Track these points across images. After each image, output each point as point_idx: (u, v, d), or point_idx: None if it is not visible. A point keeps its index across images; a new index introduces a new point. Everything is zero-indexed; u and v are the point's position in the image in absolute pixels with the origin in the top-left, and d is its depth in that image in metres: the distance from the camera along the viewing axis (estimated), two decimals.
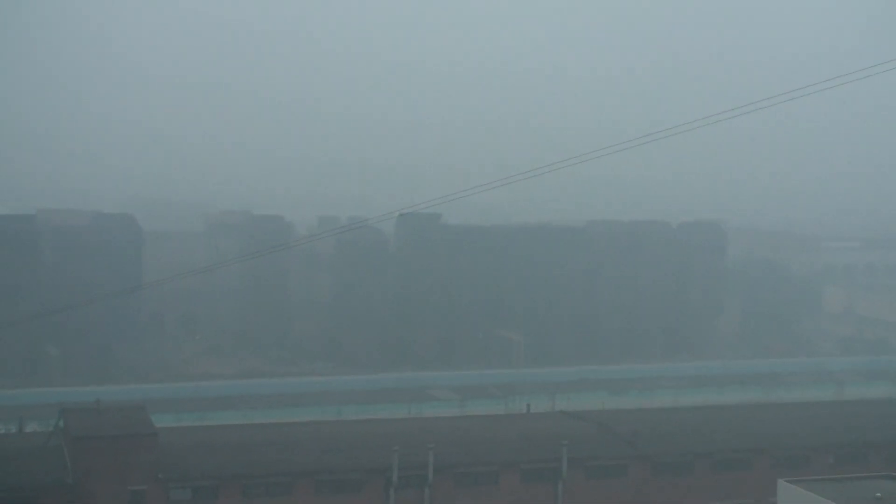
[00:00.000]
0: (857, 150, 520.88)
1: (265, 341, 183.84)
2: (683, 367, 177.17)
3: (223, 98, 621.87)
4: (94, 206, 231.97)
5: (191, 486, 73.07)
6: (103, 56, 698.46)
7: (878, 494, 65.50)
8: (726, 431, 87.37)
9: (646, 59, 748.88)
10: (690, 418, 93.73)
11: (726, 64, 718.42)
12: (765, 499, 76.22)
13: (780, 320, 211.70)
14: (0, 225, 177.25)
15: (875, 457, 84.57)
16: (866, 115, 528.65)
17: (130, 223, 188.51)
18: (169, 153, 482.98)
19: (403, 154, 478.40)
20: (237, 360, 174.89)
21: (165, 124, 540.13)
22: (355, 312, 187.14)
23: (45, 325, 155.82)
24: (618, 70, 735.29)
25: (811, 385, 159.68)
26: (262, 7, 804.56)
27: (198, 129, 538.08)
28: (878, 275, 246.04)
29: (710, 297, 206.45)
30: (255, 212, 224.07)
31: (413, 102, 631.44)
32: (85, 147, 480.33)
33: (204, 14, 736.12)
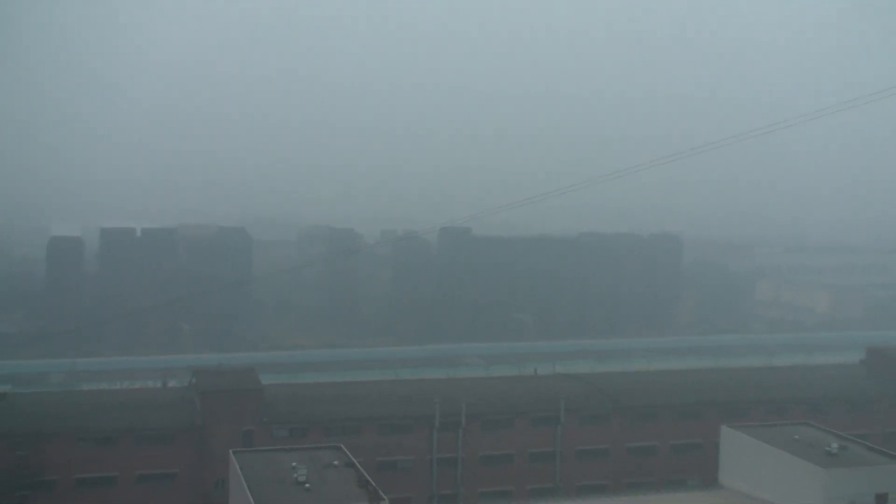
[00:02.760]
0: (781, 179, 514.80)
1: (341, 321, 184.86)
2: (652, 341, 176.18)
3: (310, 133, 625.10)
4: (217, 222, 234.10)
5: (287, 427, 73.49)
6: (213, 101, 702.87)
7: (797, 437, 64.90)
8: (684, 389, 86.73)
9: (641, 94, 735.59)
10: (657, 380, 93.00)
11: (695, 101, 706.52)
12: (712, 440, 75.56)
13: (724, 306, 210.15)
14: (150, 236, 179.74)
15: (795, 409, 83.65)
16: (797, 151, 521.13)
17: (243, 234, 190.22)
18: (270, 180, 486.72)
19: (443, 180, 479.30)
20: (320, 335, 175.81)
21: (267, 159, 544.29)
22: (407, 301, 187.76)
23: (182, 309, 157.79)
24: (616, 105, 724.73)
25: (747, 355, 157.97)
26: (332, 54, 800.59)
27: (290, 161, 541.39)
28: (797, 272, 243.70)
29: (671, 289, 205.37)
30: (334, 226, 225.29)
31: (452, 132, 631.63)
32: (210, 176, 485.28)
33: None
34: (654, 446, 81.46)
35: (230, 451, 59.56)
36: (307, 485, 52.65)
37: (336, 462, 57.06)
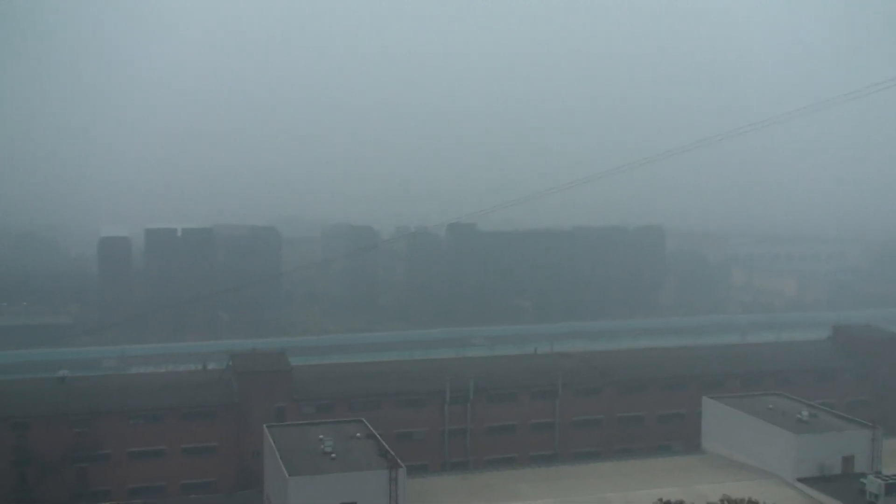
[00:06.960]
0: (754, 177, 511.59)
1: (361, 308, 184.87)
2: (638, 322, 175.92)
3: (332, 142, 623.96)
4: (249, 222, 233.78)
5: (315, 404, 73.48)
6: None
7: (771, 406, 64.58)
8: (667, 364, 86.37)
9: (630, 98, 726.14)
10: (643, 356, 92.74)
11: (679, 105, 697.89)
12: (693, 409, 75.24)
13: (702, 290, 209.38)
14: (189, 235, 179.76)
15: (768, 381, 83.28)
16: (767, 152, 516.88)
17: (273, 233, 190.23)
18: (297, 184, 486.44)
19: (450, 181, 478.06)
20: (343, 321, 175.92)
21: (294, 166, 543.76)
22: (420, 289, 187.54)
23: (220, 300, 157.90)
24: (606, 108, 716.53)
25: (724, 333, 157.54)
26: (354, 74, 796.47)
27: (315, 167, 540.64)
28: (768, 260, 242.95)
29: (655, 276, 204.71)
30: (354, 223, 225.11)
31: (458, 139, 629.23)
32: (243, 181, 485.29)
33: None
34: (642, 416, 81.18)
35: (264, 425, 59.59)
36: (333, 455, 52.60)
37: (358, 434, 56.97)
